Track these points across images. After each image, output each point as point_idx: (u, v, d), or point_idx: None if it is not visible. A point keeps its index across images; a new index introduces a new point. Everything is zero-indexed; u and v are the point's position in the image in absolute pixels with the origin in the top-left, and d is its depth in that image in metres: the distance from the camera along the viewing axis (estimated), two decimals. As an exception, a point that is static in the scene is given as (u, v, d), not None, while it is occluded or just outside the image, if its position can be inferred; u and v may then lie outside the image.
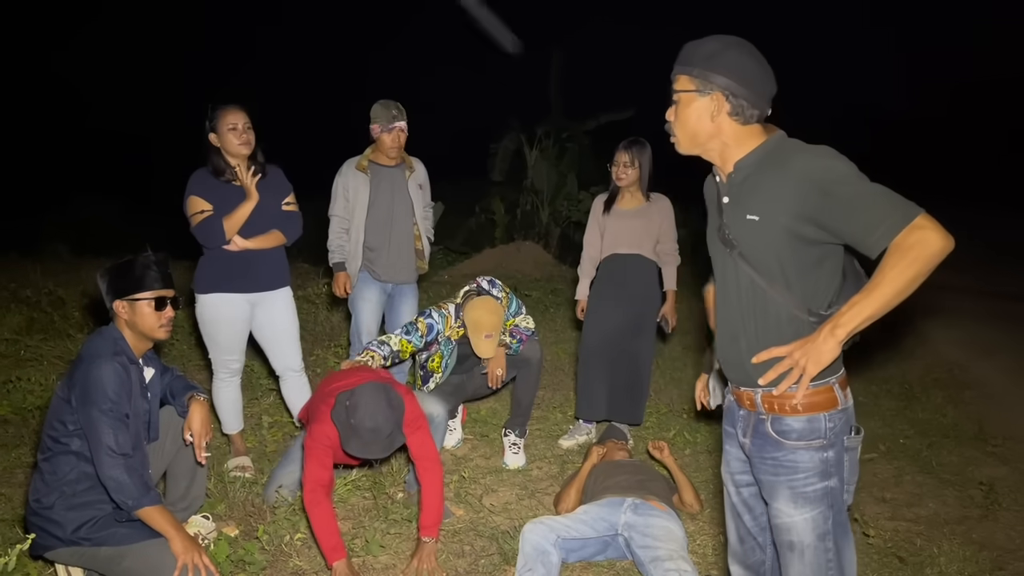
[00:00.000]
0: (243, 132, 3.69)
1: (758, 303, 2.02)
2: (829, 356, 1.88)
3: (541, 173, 12.00)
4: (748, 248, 2.00)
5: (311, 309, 6.54)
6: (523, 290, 8.18)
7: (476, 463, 4.26)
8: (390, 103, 4.27)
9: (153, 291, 2.87)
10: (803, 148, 1.95)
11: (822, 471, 2.00)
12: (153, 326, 2.89)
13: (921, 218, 1.77)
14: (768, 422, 2.05)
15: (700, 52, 2.01)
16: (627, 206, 4.39)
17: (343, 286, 4.38)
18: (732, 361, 2.14)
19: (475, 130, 13.50)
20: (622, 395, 4.46)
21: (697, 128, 2.03)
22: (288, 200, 3.90)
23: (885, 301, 1.80)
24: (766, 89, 2.00)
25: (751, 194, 1.98)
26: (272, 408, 4.75)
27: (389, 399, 3.18)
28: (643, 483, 3.51)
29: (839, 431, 2.00)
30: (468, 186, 12.74)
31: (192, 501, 3.29)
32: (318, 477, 3.16)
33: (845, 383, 2.04)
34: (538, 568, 2.99)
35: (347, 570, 3.03)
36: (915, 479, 4.30)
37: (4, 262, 8.20)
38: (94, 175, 15.11)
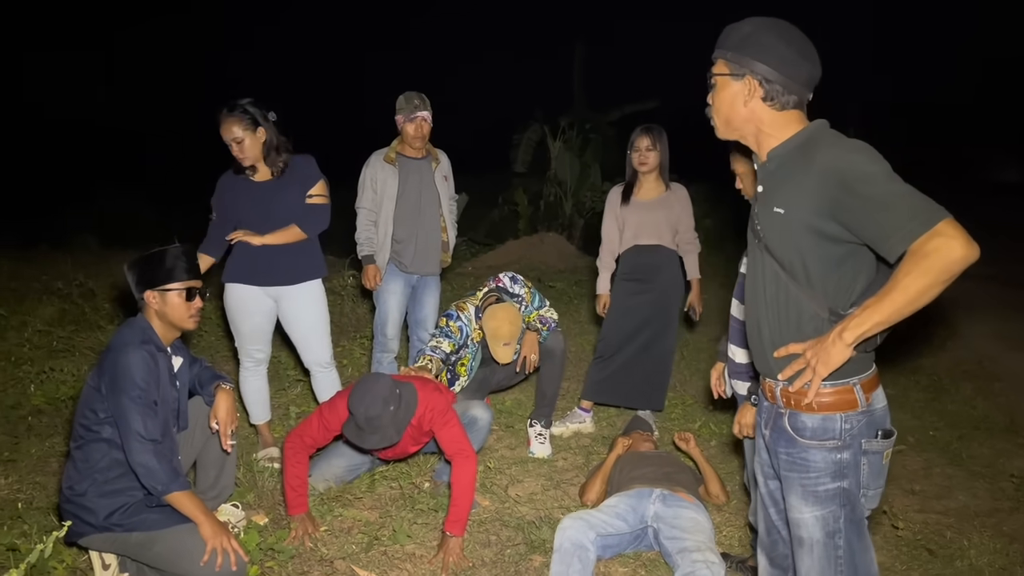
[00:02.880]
0: (237, 148, 3.69)
1: (781, 296, 1.98)
2: (838, 359, 1.84)
3: (564, 164, 11.96)
4: (772, 241, 1.97)
5: (337, 301, 6.56)
6: (547, 282, 8.18)
7: (501, 453, 4.27)
8: (413, 94, 4.29)
9: (183, 282, 2.91)
10: (835, 141, 1.88)
11: (834, 472, 1.96)
12: (183, 316, 2.94)
13: (944, 224, 1.70)
14: (786, 417, 2.03)
15: (735, 34, 1.97)
16: (646, 196, 4.37)
17: (373, 278, 4.40)
18: (756, 351, 2.13)
19: (498, 121, 13.49)
20: (645, 383, 4.46)
21: (731, 113, 2.00)
22: (313, 192, 3.89)
23: (896, 308, 1.74)
24: (804, 74, 1.93)
25: (780, 186, 1.94)
26: (299, 399, 4.79)
27: (394, 395, 3.23)
28: (670, 475, 3.50)
29: (857, 433, 1.95)
30: (491, 178, 12.72)
31: (222, 490, 3.33)
32: (311, 434, 3.38)
33: (872, 385, 1.98)
34: (575, 564, 2.99)
35: (307, 521, 3.31)
36: (944, 471, 4.27)
37: (35, 254, 8.31)
38: (116, 170, 15.27)
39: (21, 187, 14.91)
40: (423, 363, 3.92)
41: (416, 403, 3.40)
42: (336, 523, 3.42)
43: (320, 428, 3.41)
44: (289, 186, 3.84)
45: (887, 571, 3.31)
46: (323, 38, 22.80)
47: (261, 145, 3.74)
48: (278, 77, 20.14)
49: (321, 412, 3.45)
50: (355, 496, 3.65)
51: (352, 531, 3.38)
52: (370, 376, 3.38)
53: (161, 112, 19.72)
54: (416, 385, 3.49)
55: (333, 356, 4.12)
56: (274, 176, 3.81)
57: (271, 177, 3.82)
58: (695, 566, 2.92)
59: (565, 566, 2.99)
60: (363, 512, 3.53)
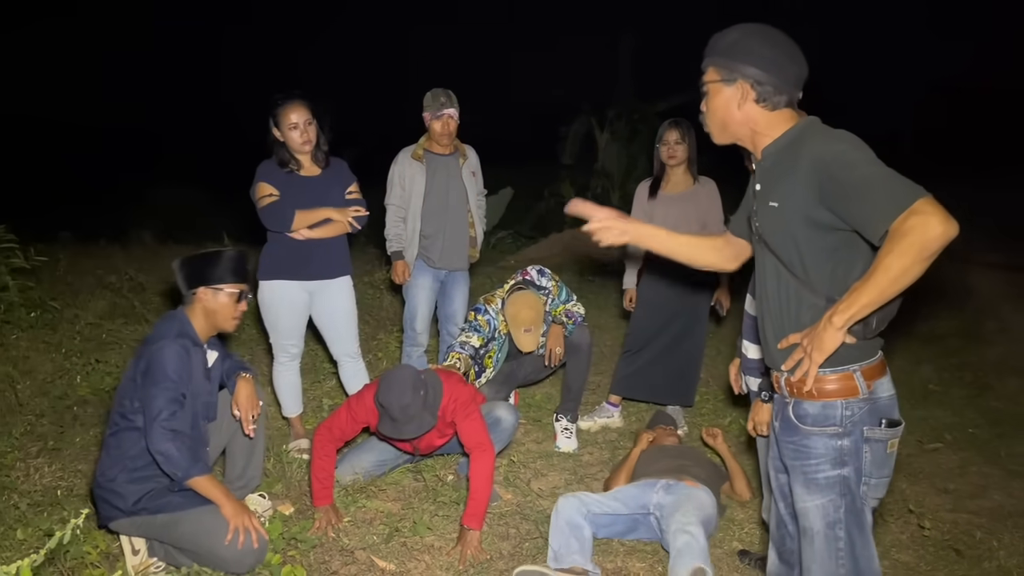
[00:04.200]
0: (304, 130, 3.79)
1: (782, 290, 2.03)
2: (831, 344, 1.87)
3: (612, 156, 11.91)
4: (770, 235, 2.03)
5: (375, 294, 6.67)
6: (588, 275, 8.17)
7: (527, 447, 4.30)
8: (439, 91, 4.33)
9: (236, 284, 3.07)
10: (820, 133, 1.95)
11: (834, 459, 1.99)
12: (228, 316, 3.08)
13: (921, 202, 1.73)
14: (791, 406, 2.07)
15: (723, 41, 2.04)
16: (674, 190, 4.35)
17: (402, 273, 4.47)
18: (764, 344, 2.18)
19: (546, 114, 13.48)
20: (673, 378, 4.45)
21: (725, 117, 2.06)
22: (351, 189, 4.00)
23: (880, 289, 1.77)
24: (792, 74, 2.00)
25: (775, 181, 2.00)
26: (333, 391, 4.89)
27: (420, 381, 3.32)
28: (682, 466, 3.51)
29: (858, 420, 1.97)
30: (538, 170, 12.72)
31: (249, 480, 3.44)
32: (339, 426, 3.49)
33: (874, 372, 1.99)
34: (572, 544, 3.04)
35: (331, 512, 3.38)
36: (981, 470, 4.16)
37: (94, 248, 8.60)
38: (180, 164, 15.67)
39: (84, 183, 15.42)
40: (451, 362, 3.99)
41: (441, 390, 3.47)
42: (359, 514, 3.50)
43: (348, 420, 3.50)
44: (335, 182, 3.97)
45: (911, 571, 3.26)
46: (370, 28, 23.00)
47: (316, 135, 3.86)
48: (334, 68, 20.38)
49: (349, 404, 3.55)
50: (379, 488, 3.73)
51: (374, 522, 3.45)
52: (393, 370, 3.46)
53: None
54: (441, 376, 3.56)
55: (360, 348, 4.22)
56: (321, 171, 3.92)
57: (318, 172, 3.92)
58: (676, 535, 2.98)
59: (565, 547, 3.04)
60: (386, 504, 3.60)
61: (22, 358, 5.04)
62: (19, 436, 4.09)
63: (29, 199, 12.74)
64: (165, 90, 21.48)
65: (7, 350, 5.14)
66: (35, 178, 15.77)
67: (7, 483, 3.64)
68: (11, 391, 4.53)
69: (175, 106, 20.73)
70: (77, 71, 19.63)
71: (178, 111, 20.37)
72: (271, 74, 18.78)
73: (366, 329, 6.02)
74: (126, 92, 21.13)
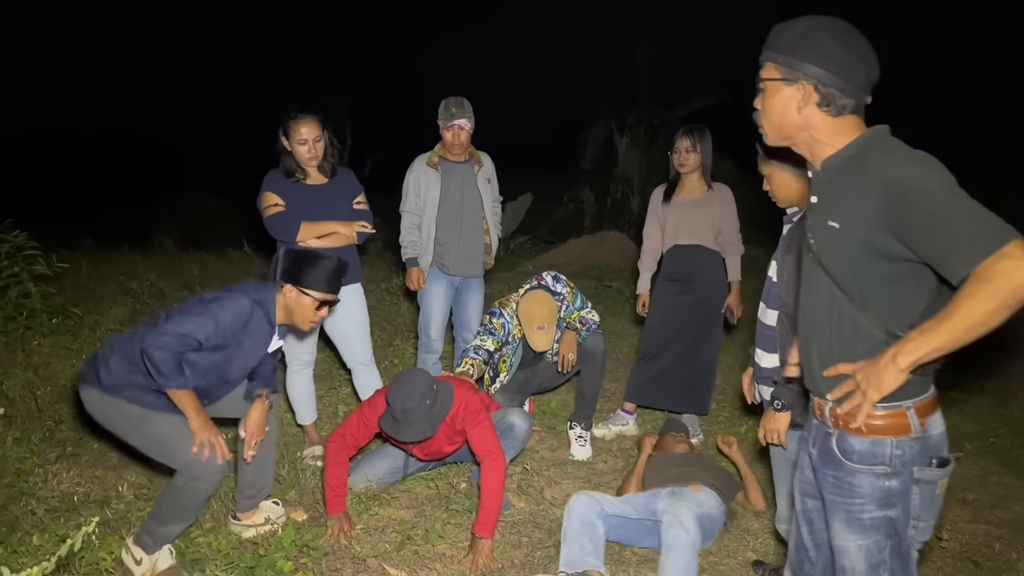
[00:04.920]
0: (312, 147, 3.82)
1: (834, 313, 1.87)
2: (891, 384, 1.73)
3: (631, 161, 11.88)
4: (826, 256, 1.85)
5: (392, 301, 6.70)
6: (606, 280, 8.16)
7: (542, 455, 4.29)
8: (452, 101, 4.34)
9: (323, 293, 3.11)
10: (892, 150, 1.76)
11: (881, 499, 1.85)
12: (306, 318, 3.13)
13: (1013, 245, 1.57)
14: (834, 438, 1.92)
15: (786, 36, 1.84)
16: (688, 196, 4.33)
17: (416, 280, 4.49)
18: (805, 366, 2.03)
19: (566, 119, 13.50)
20: (688, 386, 4.43)
21: (782, 120, 1.87)
22: (359, 200, 4.03)
23: (955, 335, 1.62)
24: (863, 77, 1.81)
25: (835, 198, 1.81)
26: (349, 398, 4.91)
27: (431, 390, 3.33)
28: (689, 473, 3.50)
29: (909, 460, 1.83)
30: (558, 175, 12.74)
31: (260, 489, 3.46)
32: (351, 432, 3.50)
33: (928, 409, 1.85)
34: (586, 544, 3.04)
35: (344, 520, 3.39)
36: (1002, 480, 4.10)
37: (117, 254, 8.70)
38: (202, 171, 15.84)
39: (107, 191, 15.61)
40: (464, 368, 3.99)
41: (452, 401, 3.48)
42: (372, 522, 3.51)
43: (360, 426, 3.51)
44: (341, 192, 3.98)
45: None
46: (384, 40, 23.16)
47: (323, 150, 3.89)
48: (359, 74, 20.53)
49: (361, 410, 3.57)
50: (392, 496, 3.73)
51: (386, 530, 3.46)
52: (409, 371, 3.49)
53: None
54: (453, 384, 3.57)
55: (373, 355, 4.25)
56: (327, 180, 3.94)
57: (324, 181, 3.95)
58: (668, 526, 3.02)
59: (577, 547, 3.04)
60: (399, 511, 3.60)
61: (43, 364, 5.12)
62: (38, 442, 4.14)
63: (53, 207, 12.94)
64: (187, 98, 21.75)
65: (29, 356, 5.21)
66: (60, 187, 16.02)
67: (25, 488, 3.68)
68: (31, 397, 4.59)
69: (197, 114, 20.98)
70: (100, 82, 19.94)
71: (200, 119, 20.61)
72: (294, 80, 18.93)
73: (383, 336, 6.05)
74: (147, 101, 21.44)
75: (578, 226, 11.55)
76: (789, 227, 2.86)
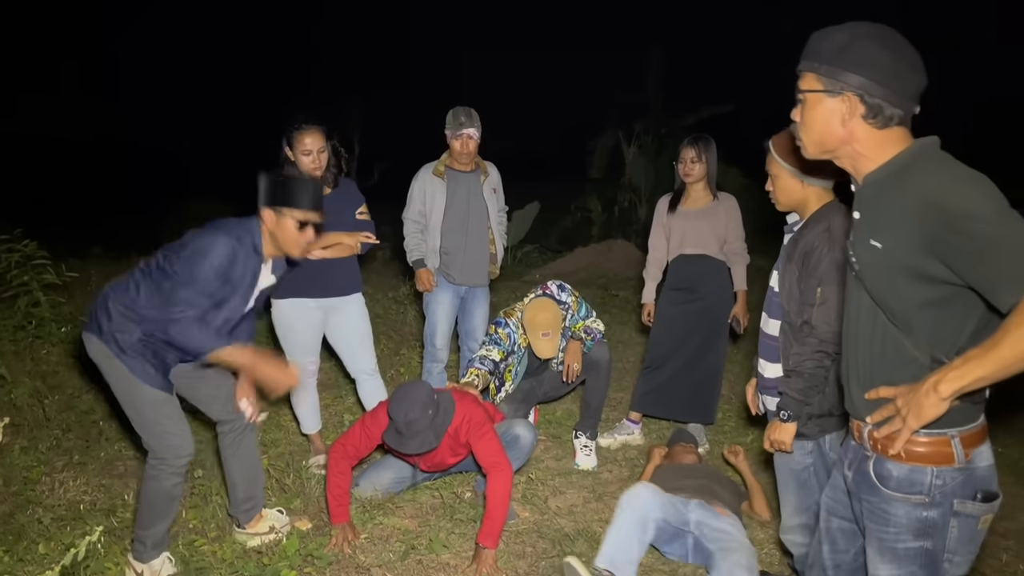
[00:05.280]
0: (316, 158, 3.83)
1: (877, 335, 1.79)
2: (931, 412, 1.64)
3: (639, 169, 11.91)
4: (868, 276, 1.77)
5: (399, 310, 6.71)
6: (612, 289, 8.16)
7: (547, 464, 4.29)
8: (460, 110, 4.36)
9: (303, 212, 3.01)
10: (939, 167, 1.66)
11: (917, 530, 1.77)
12: (290, 242, 3.05)
13: None
14: (872, 462, 1.84)
15: (828, 45, 1.74)
16: (693, 206, 4.34)
17: (427, 281, 4.49)
18: (844, 385, 1.95)
19: (574, 128, 13.52)
20: (694, 395, 4.42)
21: (825, 133, 1.78)
22: (361, 210, 4.05)
23: (1002, 365, 1.53)
24: (912, 86, 1.71)
25: (878, 216, 1.73)
26: (354, 407, 4.91)
27: (432, 401, 3.34)
28: (709, 488, 3.47)
29: (949, 491, 1.74)
30: (566, 184, 12.76)
31: (255, 502, 3.47)
32: (353, 443, 3.49)
33: (975, 440, 1.75)
34: (633, 548, 3.04)
35: (348, 529, 3.39)
36: (1009, 491, 3.99)
37: (126, 263, 8.72)
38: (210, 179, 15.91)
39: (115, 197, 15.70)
40: (469, 379, 4.00)
41: (453, 411, 3.48)
42: (376, 531, 3.51)
43: (363, 436, 3.52)
44: (344, 202, 4.00)
45: (934, 595, 3.19)
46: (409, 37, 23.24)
47: (327, 161, 3.91)
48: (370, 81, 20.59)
49: (364, 421, 3.57)
50: (396, 505, 3.74)
51: (391, 539, 3.46)
52: (408, 383, 3.49)
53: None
54: (455, 395, 3.57)
55: (377, 364, 4.25)
56: (330, 191, 3.96)
57: (328, 192, 3.96)
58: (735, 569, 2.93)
59: (624, 550, 3.02)
60: (403, 521, 3.61)
61: (52, 373, 5.15)
62: (45, 451, 4.17)
63: (63, 215, 13.01)
64: (191, 104, 21.85)
65: (38, 364, 5.24)
66: (68, 193, 16.10)
67: (32, 497, 3.70)
68: (39, 406, 4.61)
69: (202, 120, 21.07)
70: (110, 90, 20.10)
71: (205, 125, 20.70)
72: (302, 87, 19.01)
73: (389, 345, 6.06)
74: (157, 109, 21.55)
75: (585, 235, 11.57)
76: (790, 236, 2.85)
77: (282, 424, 4.64)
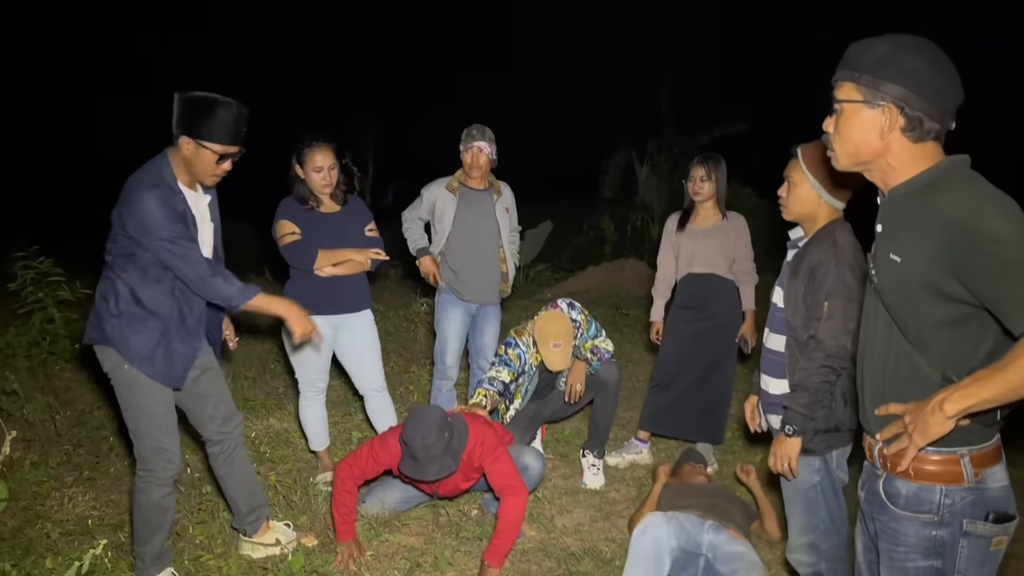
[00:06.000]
0: (327, 174, 3.88)
1: (891, 351, 1.79)
2: (937, 431, 1.64)
3: (652, 189, 11.92)
4: (885, 289, 1.77)
5: (410, 328, 6.73)
6: (623, 308, 8.15)
7: (554, 483, 4.28)
8: (473, 127, 4.41)
9: (222, 145, 2.89)
10: (965, 186, 1.65)
11: (927, 549, 1.76)
12: (206, 173, 2.95)
13: None
14: (881, 480, 1.84)
15: (870, 56, 1.72)
16: (702, 224, 4.34)
17: (431, 268, 4.49)
18: (860, 401, 1.94)
19: (587, 148, 13.55)
20: (702, 414, 4.41)
21: (861, 144, 1.76)
22: (370, 227, 4.08)
23: (1008, 388, 1.54)
24: (950, 101, 1.70)
25: (900, 230, 1.73)
26: (363, 424, 4.91)
27: (446, 424, 3.31)
28: (717, 506, 3.43)
29: (959, 511, 1.73)
30: (578, 203, 12.79)
31: (259, 514, 3.47)
32: (360, 465, 3.47)
33: (986, 460, 1.74)
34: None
35: (354, 547, 3.38)
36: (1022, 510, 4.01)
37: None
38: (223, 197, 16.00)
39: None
40: (477, 400, 3.99)
41: (467, 434, 3.47)
42: (382, 548, 3.51)
43: (370, 459, 3.49)
44: (353, 219, 4.04)
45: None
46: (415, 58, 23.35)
47: (337, 178, 3.95)
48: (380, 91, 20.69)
49: (372, 444, 3.55)
50: (402, 522, 3.73)
51: (396, 556, 3.45)
52: (420, 408, 3.46)
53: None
54: (466, 418, 3.57)
55: (385, 381, 4.26)
56: (339, 208, 4.00)
57: (337, 209, 4.00)
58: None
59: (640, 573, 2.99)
60: (408, 538, 3.60)
61: (64, 388, 5.19)
62: (55, 466, 4.19)
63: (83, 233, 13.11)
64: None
65: (51, 380, 5.29)
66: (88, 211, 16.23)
67: (41, 512, 3.72)
68: (51, 421, 4.65)
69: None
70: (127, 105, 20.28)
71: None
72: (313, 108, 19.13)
73: (399, 362, 6.08)
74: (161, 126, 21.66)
75: (598, 254, 11.57)
76: (794, 252, 2.85)
77: (290, 441, 4.65)
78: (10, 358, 5.48)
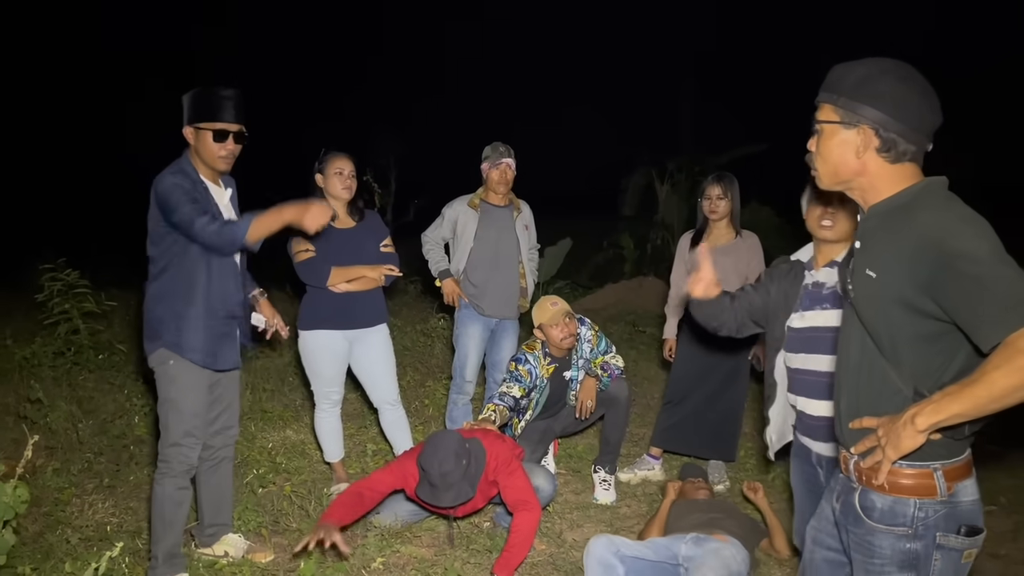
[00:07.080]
0: (347, 178, 3.98)
1: (864, 364, 1.83)
2: (909, 444, 1.66)
3: (672, 208, 11.94)
4: (861, 304, 1.81)
5: (427, 343, 6.79)
6: (640, 326, 8.16)
7: (566, 498, 4.30)
8: (499, 143, 4.51)
9: (213, 122, 3.06)
10: (941, 206, 1.70)
11: (901, 561, 1.78)
12: (211, 155, 3.10)
13: None
14: (857, 493, 1.87)
15: (848, 78, 1.77)
16: (716, 242, 4.36)
17: (451, 290, 4.57)
18: (836, 412, 1.96)
19: (607, 166, 13.61)
20: (715, 431, 4.42)
21: (839, 164, 1.81)
22: (386, 243, 4.16)
23: (977, 404, 1.56)
24: (927, 123, 1.75)
25: (876, 247, 1.77)
26: (378, 437, 4.96)
27: (464, 450, 3.34)
28: (713, 520, 3.46)
29: (932, 524, 1.76)
30: (598, 222, 12.82)
31: (218, 530, 3.55)
32: (372, 486, 3.46)
33: (958, 474, 1.77)
34: None
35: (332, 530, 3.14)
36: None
37: (138, 294, 8.94)
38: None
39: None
40: (486, 415, 4.03)
41: (485, 459, 3.50)
42: (393, 559, 3.55)
43: (383, 481, 3.54)
44: (369, 235, 4.11)
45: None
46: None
47: (356, 188, 4.05)
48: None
49: (391, 468, 3.61)
50: (414, 534, 3.78)
51: (407, 567, 3.49)
52: (437, 434, 3.51)
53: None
54: (482, 440, 3.60)
55: (399, 395, 4.33)
56: (355, 224, 4.08)
57: (352, 224, 4.08)
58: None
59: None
60: (419, 549, 3.64)
61: (87, 398, 5.30)
62: (77, 473, 4.29)
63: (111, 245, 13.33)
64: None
65: (75, 390, 5.41)
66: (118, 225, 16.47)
67: (62, 518, 3.81)
68: (73, 430, 4.75)
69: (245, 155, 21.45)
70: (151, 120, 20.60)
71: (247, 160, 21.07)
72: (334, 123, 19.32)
73: (415, 377, 6.13)
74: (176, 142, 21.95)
75: (618, 271, 11.58)
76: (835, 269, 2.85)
77: (306, 452, 4.72)
78: (36, 367, 5.62)
